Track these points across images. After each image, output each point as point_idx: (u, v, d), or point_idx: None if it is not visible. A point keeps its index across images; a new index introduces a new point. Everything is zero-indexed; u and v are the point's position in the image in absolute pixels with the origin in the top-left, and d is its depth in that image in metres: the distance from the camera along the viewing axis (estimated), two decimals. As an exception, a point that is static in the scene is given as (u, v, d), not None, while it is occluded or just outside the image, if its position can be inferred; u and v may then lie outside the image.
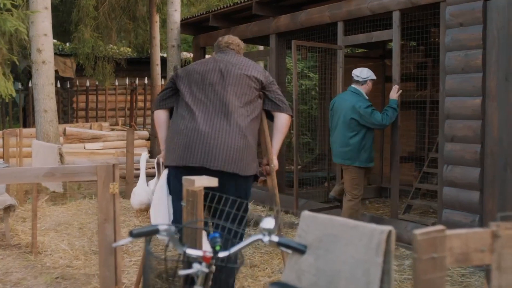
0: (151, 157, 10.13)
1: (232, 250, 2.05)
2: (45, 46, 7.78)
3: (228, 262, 2.09)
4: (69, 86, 14.78)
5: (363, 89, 5.53)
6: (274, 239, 1.97)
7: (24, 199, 7.36)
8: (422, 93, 7.35)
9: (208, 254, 2.00)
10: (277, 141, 3.59)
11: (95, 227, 5.37)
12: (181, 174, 2.82)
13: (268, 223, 1.97)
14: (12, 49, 10.27)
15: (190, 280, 2.09)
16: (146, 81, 14.88)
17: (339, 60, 6.35)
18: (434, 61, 6.86)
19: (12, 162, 7.74)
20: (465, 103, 4.73)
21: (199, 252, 2.03)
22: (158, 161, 3.83)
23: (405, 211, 6.26)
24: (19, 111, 14.79)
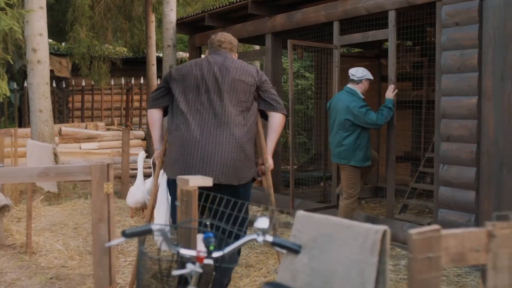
0: (147, 157, 10.11)
1: (226, 250, 2.04)
2: (40, 46, 7.75)
3: (222, 262, 2.08)
4: (64, 86, 14.75)
5: (359, 88, 5.53)
6: (269, 239, 1.96)
7: (19, 199, 7.34)
8: (418, 93, 7.35)
9: (202, 254, 1.99)
10: (271, 141, 3.60)
11: (90, 227, 5.35)
12: None
13: (263, 222, 1.96)
14: (7, 49, 10.21)
15: (184, 281, 2.07)
16: (142, 81, 14.88)
17: (335, 60, 6.34)
18: (430, 60, 6.86)
19: (7, 162, 7.71)
20: (461, 103, 4.73)
21: (192, 252, 2.02)
22: (153, 161, 3.84)
23: (401, 211, 6.27)
24: (15, 111, 14.76)
